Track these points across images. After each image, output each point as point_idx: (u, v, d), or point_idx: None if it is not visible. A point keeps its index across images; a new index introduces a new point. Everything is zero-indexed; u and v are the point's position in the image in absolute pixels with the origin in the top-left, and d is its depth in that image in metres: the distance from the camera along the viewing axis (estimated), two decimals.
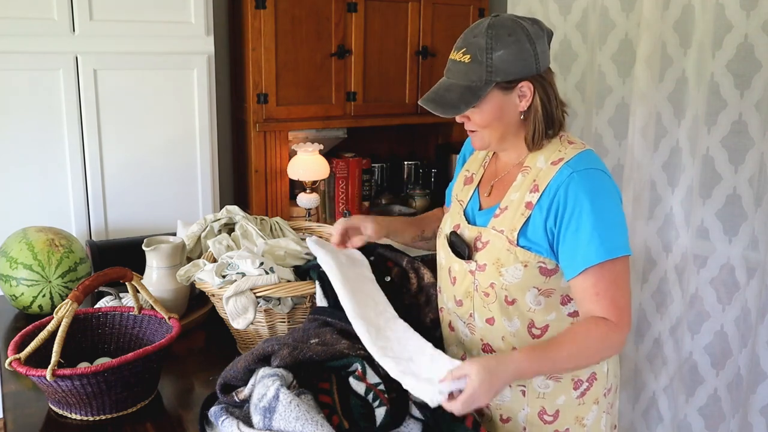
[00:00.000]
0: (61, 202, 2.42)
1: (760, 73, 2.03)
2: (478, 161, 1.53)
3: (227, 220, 1.90)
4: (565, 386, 1.40)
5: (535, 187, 1.33)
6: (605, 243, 1.25)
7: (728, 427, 2.25)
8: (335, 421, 1.20)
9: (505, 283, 1.34)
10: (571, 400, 1.41)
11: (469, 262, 1.39)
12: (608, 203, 1.29)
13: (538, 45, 1.30)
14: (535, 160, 1.36)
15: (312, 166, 2.90)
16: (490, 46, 1.28)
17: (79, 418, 1.37)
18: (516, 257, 1.32)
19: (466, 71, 1.31)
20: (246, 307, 1.51)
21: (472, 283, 1.39)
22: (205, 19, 2.52)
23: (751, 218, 2.10)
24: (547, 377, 1.38)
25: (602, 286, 1.27)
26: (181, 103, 2.55)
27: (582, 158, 1.32)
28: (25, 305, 1.85)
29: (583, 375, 1.41)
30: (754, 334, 2.12)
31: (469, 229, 1.41)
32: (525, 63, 1.29)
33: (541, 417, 1.41)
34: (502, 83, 1.30)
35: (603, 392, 1.45)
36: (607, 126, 2.48)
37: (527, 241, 1.32)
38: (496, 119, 1.34)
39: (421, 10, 3.08)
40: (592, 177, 1.30)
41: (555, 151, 1.35)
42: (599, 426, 1.46)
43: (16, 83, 2.29)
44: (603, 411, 1.46)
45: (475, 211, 1.44)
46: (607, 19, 2.41)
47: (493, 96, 1.31)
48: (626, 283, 1.29)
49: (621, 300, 1.27)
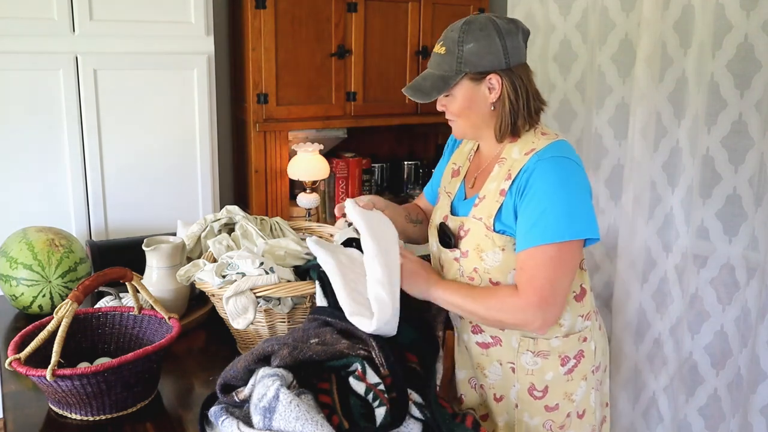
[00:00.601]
0: (61, 202, 2.43)
1: (760, 73, 2.03)
2: (464, 154, 1.62)
3: (227, 220, 1.90)
4: (553, 363, 1.48)
5: (508, 175, 1.42)
6: (546, 228, 1.33)
7: (728, 427, 2.25)
8: (335, 421, 1.19)
9: (487, 267, 1.44)
10: (559, 376, 1.48)
11: (454, 250, 1.49)
12: (567, 189, 1.35)
13: (508, 41, 1.39)
14: (511, 151, 1.45)
15: (312, 166, 2.90)
16: (462, 39, 1.39)
17: (79, 418, 1.37)
18: (494, 242, 1.42)
19: (440, 62, 1.42)
20: (246, 307, 1.51)
21: (458, 269, 1.49)
22: (205, 19, 2.52)
23: (751, 218, 2.10)
24: (534, 354, 1.47)
25: (529, 264, 1.36)
26: (181, 103, 2.55)
27: (552, 147, 1.40)
28: (25, 305, 1.85)
29: (570, 352, 1.48)
30: (754, 334, 2.12)
31: (453, 220, 1.52)
32: (494, 56, 1.38)
33: (531, 393, 1.49)
34: (472, 74, 1.40)
35: (591, 369, 1.52)
36: (607, 126, 2.48)
37: (502, 225, 1.41)
38: (467, 108, 1.44)
39: (421, 10, 3.08)
40: (557, 164, 1.37)
41: (529, 143, 1.43)
42: (588, 402, 1.53)
43: (16, 83, 2.29)
44: (592, 388, 1.54)
45: (460, 202, 1.54)
46: (607, 19, 2.41)
47: (464, 86, 1.42)
48: (557, 266, 1.35)
49: (538, 279, 1.35)
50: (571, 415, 1.51)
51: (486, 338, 1.52)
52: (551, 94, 2.69)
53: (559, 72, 2.64)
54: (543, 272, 1.35)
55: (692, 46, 2.15)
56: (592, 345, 1.52)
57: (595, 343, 1.53)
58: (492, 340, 1.51)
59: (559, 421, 1.51)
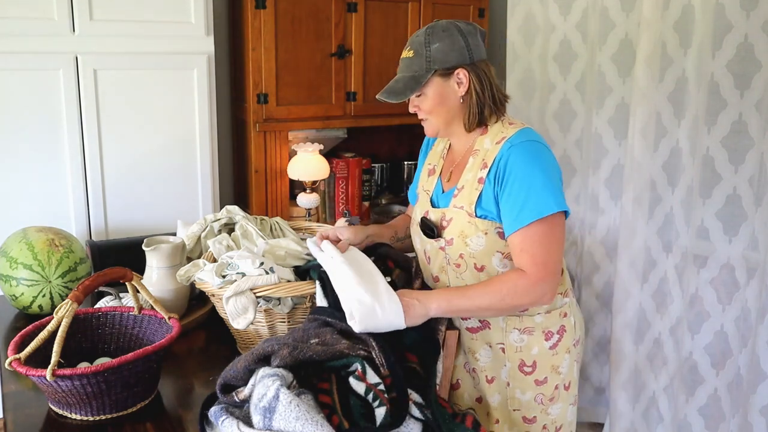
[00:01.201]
0: (61, 202, 2.42)
1: (760, 73, 2.03)
2: (437, 154, 1.72)
3: (227, 220, 1.90)
4: (537, 338, 1.57)
5: (484, 164, 1.51)
6: (534, 206, 1.42)
7: (728, 427, 2.25)
8: (335, 421, 1.20)
9: (472, 251, 1.52)
10: (545, 351, 1.58)
11: (438, 240, 1.56)
12: (542, 169, 1.44)
13: (470, 39, 1.51)
14: (483, 142, 1.54)
15: (312, 166, 2.90)
16: (427, 41, 1.51)
17: (79, 418, 1.37)
18: (476, 227, 1.50)
19: (410, 64, 1.53)
20: (246, 307, 1.51)
21: (444, 258, 1.57)
22: (205, 19, 2.52)
23: (751, 218, 2.10)
24: (521, 332, 1.56)
25: (527, 243, 1.44)
26: (181, 103, 2.55)
27: (521, 134, 1.49)
28: (25, 305, 1.85)
29: (553, 327, 1.58)
30: (754, 334, 2.12)
31: (435, 212, 1.59)
32: (459, 53, 1.50)
33: (522, 369, 1.58)
34: (441, 70, 1.51)
35: (572, 343, 1.63)
36: (607, 126, 2.48)
37: (483, 211, 1.49)
38: (438, 105, 1.54)
39: (421, 10, 3.08)
40: (527, 147, 1.47)
41: (498, 133, 1.53)
42: (572, 374, 1.65)
43: (16, 83, 2.29)
44: (574, 360, 1.65)
45: (438, 196, 1.63)
46: (607, 19, 2.41)
47: (435, 83, 1.52)
48: (551, 240, 1.44)
49: (539, 256, 1.43)
50: (559, 387, 1.61)
51: (475, 323, 1.59)
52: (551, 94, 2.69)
53: (559, 72, 2.64)
54: (541, 248, 1.43)
55: (692, 46, 2.15)
56: (572, 320, 1.63)
57: (574, 317, 1.64)
58: (480, 324, 1.58)
59: (549, 394, 1.60)
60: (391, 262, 1.64)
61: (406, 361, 1.41)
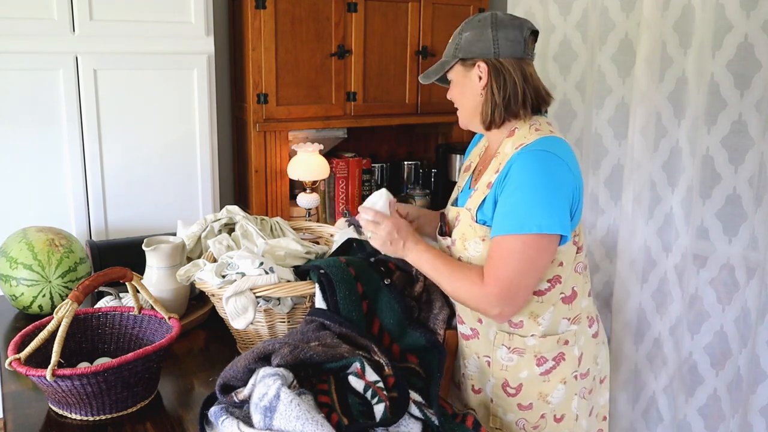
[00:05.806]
0: (61, 202, 2.42)
1: (760, 73, 2.03)
2: (477, 151, 1.67)
3: (227, 220, 1.90)
4: (528, 361, 1.49)
5: (497, 168, 1.45)
6: (516, 220, 1.35)
7: (728, 427, 2.25)
8: (334, 418, 1.20)
9: (470, 256, 1.47)
10: (535, 376, 1.49)
11: (446, 238, 1.54)
12: (539, 183, 1.35)
13: (500, 32, 1.44)
14: (506, 146, 1.47)
15: (312, 166, 2.90)
16: (462, 29, 1.50)
17: (79, 418, 1.37)
18: (475, 232, 1.45)
19: (447, 49, 1.54)
20: (246, 307, 1.51)
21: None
22: (205, 19, 2.52)
23: (751, 218, 2.10)
24: (509, 350, 1.48)
25: (495, 253, 1.38)
26: (181, 103, 2.55)
27: (539, 142, 1.40)
28: (25, 305, 1.85)
29: (548, 353, 1.48)
30: (754, 334, 2.12)
31: (452, 210, 1.57)
32: (483, 45, 1.45)
33: (505, 389, 1.51)
34: (463, 59, 1.48)
35: (572, 374, 1.50)
36: (607, 126, 2.48)
37: (483, 216, 1.44)
38: (460, 94, 1.52)
39: (421, 10, 3.08)
40: (536, 157, 1.37)
41: (521, 137, 1.45)
42: (569, 407, 1.51)
43: (16, 83, 2.29)
44: (574, 393, 1.52)
45: (464, 193, 1.59)
46: (607, 19, 2.41)
47: (457, 70, 1.51)
48: (519, 259, 1.35)
49: (501, 272, 1.36)
50: (547, 417, 1.51)
51: (466, 330, 1.56)
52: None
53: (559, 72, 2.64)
54: (506, 264, 1.36)
55: (692, 46, 2.15)
56: (576, 350, 1.50)
57: (581, 349, 1.51)
58: (471, 332, 1.55)
59: (533, 421, 1.51)
60: (392, 264, 1.65)
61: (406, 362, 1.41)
